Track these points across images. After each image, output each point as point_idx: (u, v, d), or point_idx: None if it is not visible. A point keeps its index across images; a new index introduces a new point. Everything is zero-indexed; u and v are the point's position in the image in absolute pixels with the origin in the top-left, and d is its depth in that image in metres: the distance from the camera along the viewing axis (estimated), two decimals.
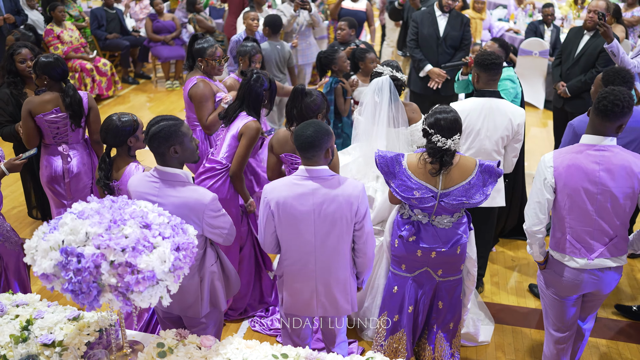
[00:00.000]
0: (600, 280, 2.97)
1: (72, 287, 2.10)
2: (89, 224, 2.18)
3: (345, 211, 2.79)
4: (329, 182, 2.80)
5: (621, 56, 4.93)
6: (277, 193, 2.80)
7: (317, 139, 2.77)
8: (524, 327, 4.12)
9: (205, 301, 2.93)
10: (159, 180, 2.77)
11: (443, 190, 3.08)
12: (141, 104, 8.80)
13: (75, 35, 8.40)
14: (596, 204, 2.83)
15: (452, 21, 5.95)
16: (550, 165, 2.87)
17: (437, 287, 3.35)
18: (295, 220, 2.81)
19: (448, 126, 3.04)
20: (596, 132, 2.85)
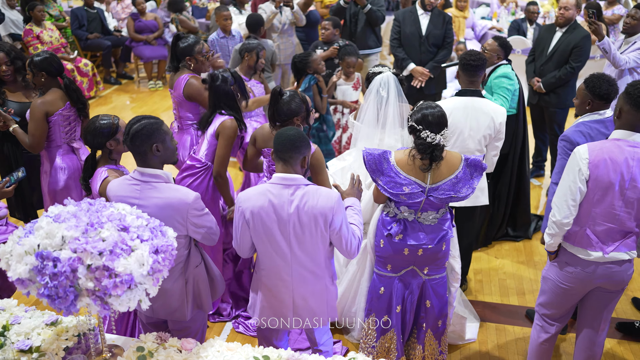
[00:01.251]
0: (615, 273, 2.96)
1: (49, 292, 2.07)
2: (65, 227, 2.15)
3: (319, 222, 2.73)
4: (304, 191, 2.72)
5: (613, 53, 4.97)
6: (252, 202, 2.73)
7: (298, 141, 2.74)
8: (508, 325, 4.13)
9: (191, 304, 2.90)
10: (140, 182, 2.73)
11: (432, 185, 3.09)
12: (123, 105, 8.72)
13: (56, 35, 8.30)
14: (624, 199, 2.83)
15: (434, 19, 5.96)
16: (586, 157, 2.83)
17: (424, 285, 3.36)
18: (270, 230, 2.75)
19: (436, 121, 3.05)
20: (631, 127, 2.85)
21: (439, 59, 5.97)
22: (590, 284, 3.02)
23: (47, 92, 3.96)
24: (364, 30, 6.62)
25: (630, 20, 5.17)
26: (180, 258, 2.79)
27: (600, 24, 4.98)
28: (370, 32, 6.70)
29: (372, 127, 4.00)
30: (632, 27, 5.18)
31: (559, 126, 5.87)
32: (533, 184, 6.30)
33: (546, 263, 3.23)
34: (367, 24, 6.60)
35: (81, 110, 4.06)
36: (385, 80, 4.00)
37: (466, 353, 3.87)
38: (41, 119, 3.89)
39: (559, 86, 5.63)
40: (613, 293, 3.07)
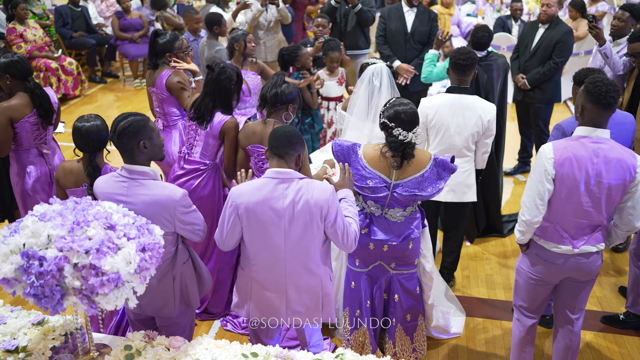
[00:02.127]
0: (583, 264, 3.03)
1: (35, 291, 2.06)
2: (51, 226, 2.13)
3: (315, 215, 2.73)
4: (299, 185, 2.74)
5: (613, 58, 4.92)
6: (246, 197, 2.73)
7: (294, 138, 2.77)
8: (494, 319, 4.17)
9: (178, 300, 2.90)
10: (127, 179, 2.72)
11: (396, 181, 3.11)
12: (109, 104, 8.66)
13: (39, 33, 8.22)
14: (591, 195, 2.88)
15: (419, 16, 5.98)
16: (551, 156, 2.88)
17: (392, 280, 3.38)
18: (264, 225, 2.75)
19: (408, 119, 3.06)
20: (593, 123, 2.88)
21: (424, 56, 5.99)
22: (560, 275, 3.09)
23: (14, 96, 3.89)
24: (354, 30, 6.58)
25: (617, 22, 5.12)
26: (167, 255, 2.79)
27: (601, 28, 4.95)
28: (360, 33, 6.66)
29: (362, 118, 4.02)
30: (619, 29, 5.11)
31: (544, 122, 5.92)
32: (519, 180, 6.36)
33: (518, 257, 3.29)
34: (357, 24, 6.56)
35: (44, 117, 3.94)
36: (379, 70, 4.03)
37: (453, 347, 3.89)
38: (5, 124, 3.81)
39: (543, 82, 5.69)
40: (584, 283, 3.14)
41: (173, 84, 4.30)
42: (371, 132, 4.02)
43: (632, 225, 2.97)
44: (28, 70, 3.92)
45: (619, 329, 4.06)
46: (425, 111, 3.85)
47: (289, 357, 2.41)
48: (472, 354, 3.85)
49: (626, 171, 2.84)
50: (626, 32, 5.13)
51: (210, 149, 3.80)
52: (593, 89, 2.82)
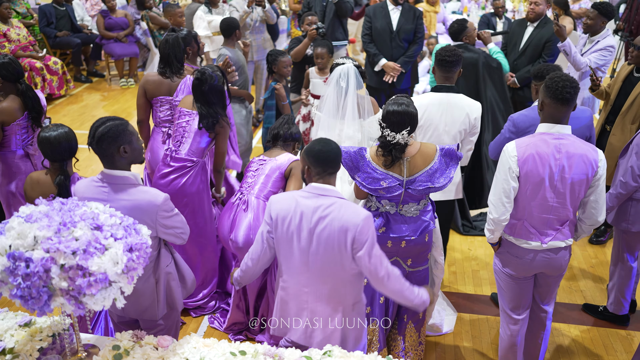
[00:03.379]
0: (553, 260, 3.09)
1: (21, 292, 2.05)
2: (38, 227, 2.13)
3: (339, 237, 2.56)
4: (330, 203, 2.61)
5: (573, 55, 5.07)
6: (279, 205, 2.68)
7: (336, 154, 2.70)
8: (481, 315, 4.21)
9: (162, 303, 2.90)
10: (107, 184, 2.70)
11: (408, 177, 3.12)
12: (95, 103, 8.61)
13: (23, 33, 8.15)
14: (555, 191, 2.93)
15: (405, 14, 6.01)
16: (514, 154, 2.93)
17: (407, 277, 3.39)
18: (292, 236, 2.66)
19: (398, 120, 3.05)
20: (554, 120, 2.93)
21: (410, 54, 6.03)
22: (531, 270, 3.16)
23: (5, 99, 3.86)
24: (332, 22, 6.81)
25: (587, 20, 5.27)
26: (150, 258, 2.79)
27: (563, 26, 5.07)
28: (339, 25, 6.91)
29: (332, 117, 4.06)
30: (590, 26, 5.27)
31: None
32: None
33: (493, 257, 3.34)
34: (335, 15, 6.78)
35: (35, 120, 3.94)
36: (345, 71, 4.05)
37: (442, 344, 3.93)
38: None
39: None
40: (554, 277, 3.23)
41: None
42: (341, 132, 4.05)
43: (594, 219, 3.04)
44: (19, 72, 3.89)
45: (598, 319, 4.18)
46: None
47: (277, 355, 2.42)
48: (459, 348, 3.89)
49: (588, 166, 2.90)
50: (597, 29, 5.29)
51: (198, 147, 3.82)
52: (551, 84, 2.89)
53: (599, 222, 3.06)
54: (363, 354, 2.43)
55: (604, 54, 5.20)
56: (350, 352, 2.45)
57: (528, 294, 3.29)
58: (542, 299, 3.33)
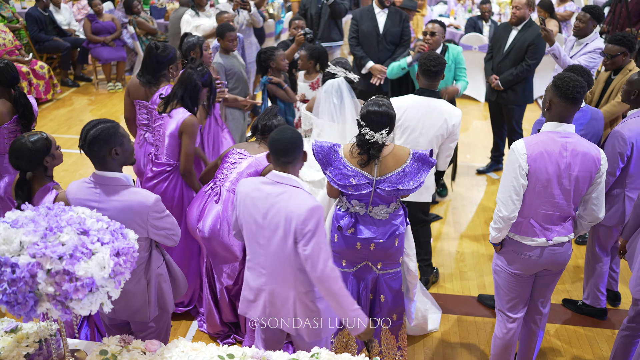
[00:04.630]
0: (558, 255, 3.16)
1: (7, 298, 2.05)
2: (23, 232, 2.13)
3: (285, 226, 2.63)
4: (282, 191, 2.68)
5: (562, 58, 5.16)
6: (244, 187, 2.79)
7: (293, 143, 2.72)
8: (468, 316, 4.24)
9: (153, 305, 2.90)
10: (99, 186, 2.71)
11: (378, 177, 3.14)
12: (82, 107, 8.57)
13: (9, 37, 8.11)
14: (562, 188, 3.00)
15: (391, 17, 6.04)
16: (524, 152, 2.98)
17: (378, 280, 3.41)
18: (251, 219, 2.76)
19: (378, 120, 3.09)
20: (560, 118, 3.00)
21: (396, 56, 6.06)
22: (538, 267, 3.20)
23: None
24: (327, 23, 6.98)
25: (579, 23, 5.34)
26: (141, 260, 2.79)
27: (550, 30, 5.15)
28: (334, 25, 7.07)
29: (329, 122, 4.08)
30: (581, 29, 5.33)
31: (517, 122, 6.04)
32: (492, 178, 6.46)
33: (493, 257, 3.37)
34: (330, 17, 6.95)
35: (25, 127, 3.90)
36: (337, 87, 4.07)
37: (430, 344, 3.95)
38: None
39: (516, 83, 5.80)
40: (556, 274, 3.29)
41: None
42: (342, 132, 4.07)
43: (595, 216, 3.12)
44: (14, 77, 3.88)
45: (578, 313, 4.28)
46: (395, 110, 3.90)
47: (264, 358, 2.44)
48: (447, 349, 3.91)
49: (592, 164, 2.98)
50: (588, 32, 5.35)
51: (172, 149, 3.79)
52: (561, 84, 2.95)
53: (600, 218, 3.14)
54: (350, 355, 2.45)
55: (593, 57, 5.27)
56: (338, 355, 2.47)
57: (527, 293, 3.33)
58: (539, 298, 3.37)
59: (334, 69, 4.19)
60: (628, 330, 3.41)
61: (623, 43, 4.40)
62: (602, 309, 4.20)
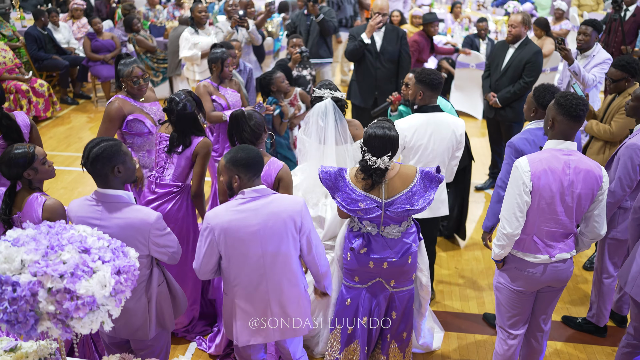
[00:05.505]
0: (561, 271, 3.16)
1: (7, 317, 2.05)
2: (25, 251, 2.13)
3: (289, 227, 2.82)
4: (271, 199, 2.83)
5: (582, 75, 5.21)
6: (220, 218, 2.78)
7: (260, 157, 2.85)
8: (469, 333, 4.23)
9: (154, 323, 2.90)
10: (101, 204, 2.73)
11: (387, 199, 3.14)
12: (81, 125, 8.60)
13: (9, 55, 8.15)
14: (565, 205, 3.01)
15: (388, 35, 6.10)
16: (528, 169, 2.99)
17: (391, 297, 3.40)
18: (242, 242, 2.79)
19: (380, 145, 3.09)
20: (563, 136, 3.02)
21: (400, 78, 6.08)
22: (540, 284, 3.19)
23: None
24: (316, 40, 7.15)
25: (583, 37, 5.43)
26: (142, 277, 2.80)
27: (569, 49, 5.19)
28: (322, 42, 7.22)
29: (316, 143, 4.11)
30: (585, 42, 5.43)
31: None
32: (490, 194, 6.47)
33: (494, 274, 3.37)
34: (319, 34, 7.10)
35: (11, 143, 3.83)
36: (324, 109, 4.08)
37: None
38: None
39: (514, 100, 5.84)
40: (558, 290, 3.29)
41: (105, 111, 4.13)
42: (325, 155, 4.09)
43: (596, 232, 3.13)
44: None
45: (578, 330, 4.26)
46: (403, 133, 3.87)
47: None
48: None
49: (594, 181, 2.99)
50: (591, 45, 5.46)
51: (182, 171, 3.80)
52: (565, 102, 2.97)
53: (601, 235, 3.15)
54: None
55: (604, 67, 5.35)
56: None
57: (529, 310, 3.32)
58: (541, 315, 3.36)
59: (320, 92, 4.16)
60: (629, 347, 3.40)
61: (626, 69, 4.37)
62: (603, 327, 4.18)
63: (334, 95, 4.14)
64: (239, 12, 7.23)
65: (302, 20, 7.28)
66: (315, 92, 4.21)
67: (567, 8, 10.83)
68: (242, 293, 2.90)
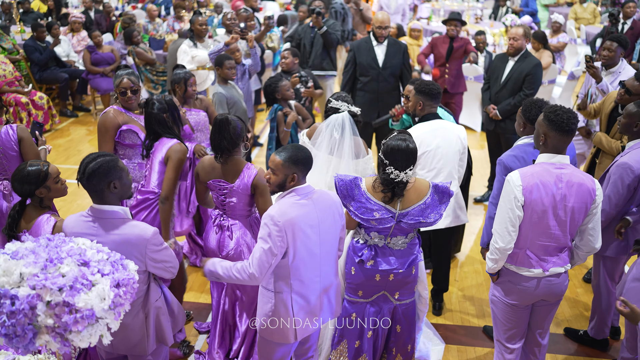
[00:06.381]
0: (554, 285, 3.15)
1: (6, 330, 2.04)
2: (24, 264, 2.12)
3: (337, 220, 3.01)
4: (318, 195, 2.95)
5: (609, 92, 5.12)
6: (289, 214, 2.82)
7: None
8: (469, 346, 4.21)
9: (152, 338, 2.88)
10: (97, 220, 2.71)
11: (401, 210, 3.15)
12: (81, 137, 8.60)
13: (9, 68, 8.17)
14: (557, 219, 3.00)
15: (390, 49, 6.12)
16: (519, 184, 2.99)
17: (395, 310, 3.40)
18: (307, 236, 2.87)
19: (404, 158, 3.08)
20: (555, 150, 3.02)
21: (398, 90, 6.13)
22: (534, 298, 3.19)
23: None
24: (320, 52, 7.16)
25: (607, 52, 5.34)
26: (139, 293, 2.78)
27: (597, 67, 5.17)
28: (326, 55, 7.22)
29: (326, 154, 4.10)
30: (610, 58, 5.33)
31: None
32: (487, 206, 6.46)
33: (490, 287, 3.37)
34: (323, 47, 7.11)
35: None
36: (340, 122, 4.09)
37: None
38: None
39: (514, 113, 5.85)
40: (553, 304, 3.28)
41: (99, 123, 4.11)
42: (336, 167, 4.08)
43: (591, 246, 3.12)
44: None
45: (579, 343, 4.23)
46: None
47: None
48: None
49: (587, 195, 2.98)
50: (616, 61, 5.37)
51: (162, 176, 3.75)
52: (555, 118, 2.96)
53: (596, 249, 3.14)
54: None
55: None
56: None
57: (525, 323, 3.31)
58: (538, 329, 3.35)
59: (337, 103, 4.17)
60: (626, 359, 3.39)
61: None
62: (603, 340, 4.16)
63: (350, 110, 4.15)
64: (239, 24, 7.26)
65: (306, 32, 7.32)
66: (332, 102, 4.22)
67: (564, 21, 10.90)
68: (301, 287, 2.95)
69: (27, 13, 11.75)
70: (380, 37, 6.08)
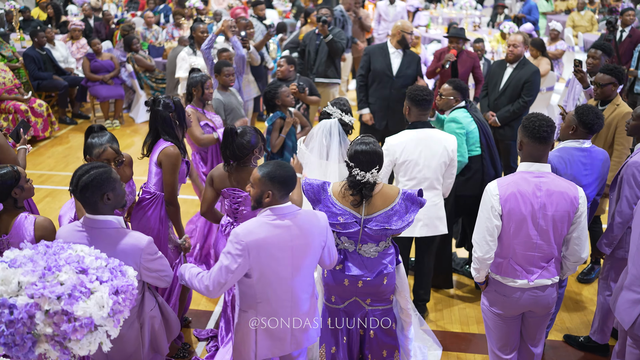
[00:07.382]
0: (540, 298, 3.12)
1: (5, 340, 2.04)
2: (22, 272, 2.12)
3: (318, 242, 2.87)
4: (298, 216, 2.82)
5: None
6: (255, 235, 2.73)
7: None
8: (469, 353, 4.20)
9: (147, 348, 2.87)
10: (90, 230, 2.71)
11: (366, 216, 3.16)
12: (80, 145, 8.60)
13: (9, 76, 8.19)
14: (538, 228, 2.98)
15: (405, 59, 6.12)
16: (496, 193, 2.99)
17: (367, 315, 3.40)
18: (275, 259, 2.76)
19: (367, 159, 3.11)
20: (533, 159, 3.02)
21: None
22: (519, 309, 3.17)
23: None
24: (324, 60, 7.18)
25: (592, 60, 5.36)
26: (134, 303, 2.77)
27: (585, 72, 5.19)
28: (331, 63, 7.23)
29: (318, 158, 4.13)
30: (595, 66, 5.33)
31: (513, 158, 6.10)
32: None
33: (481, 296, 3.37)
34: (328, 54, 7.12)
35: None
36: (329, 128, 4.13)
37: None
38: None
39: (513, 119, 5.87)
40: (542, 317, 3.23)
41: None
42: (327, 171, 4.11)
43: (578, 255, 3.10)
44: None
45: (580, 350, 4.21)
46: (393, 149, 3.96)
47: None
48: None
49: (569, 203, 2.96)
50: None
51: (157, 176, 3.75)
52: (528, 124, 2.99)
53: (583, 258, 3.11)
54: None
55: None
56: None
57: (516, 333, 3.29)
58: (529, 339, 3.33)
59: (331, 109, 4.23)
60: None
61: (614, 74, 4.45)
62: (605, 345, 4.15)
63: (342, 118, 4.17)
64: (240, 33, 7.27)
65: (312, 40, 7.34)
66: (327, 107, 4.26)
67: (562, 29, 10.94)
68: (267, 308, 2.87)
69: (27, 21, 11.78)
70: (411, 44, 6.11)
